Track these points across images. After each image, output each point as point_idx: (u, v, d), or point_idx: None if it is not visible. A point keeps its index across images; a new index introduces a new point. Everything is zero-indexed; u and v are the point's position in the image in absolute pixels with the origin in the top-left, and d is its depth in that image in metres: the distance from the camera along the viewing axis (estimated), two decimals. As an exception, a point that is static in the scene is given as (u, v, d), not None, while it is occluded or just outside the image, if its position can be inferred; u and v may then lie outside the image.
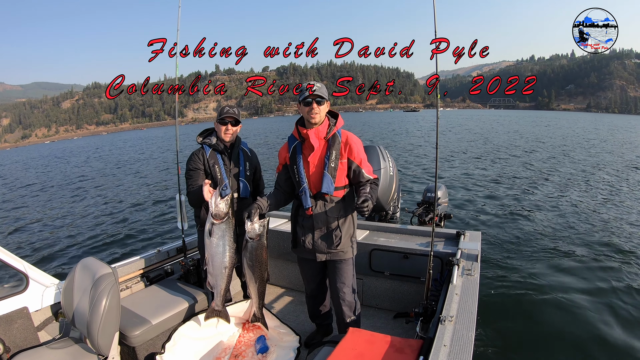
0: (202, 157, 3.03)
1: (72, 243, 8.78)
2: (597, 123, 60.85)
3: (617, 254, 6.29)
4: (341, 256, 2.72)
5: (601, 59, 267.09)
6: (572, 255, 6.30)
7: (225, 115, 2.98)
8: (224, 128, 3.00)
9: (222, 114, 3.00)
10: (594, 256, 6.24)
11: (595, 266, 5.87)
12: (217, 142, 3.06)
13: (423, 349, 2.02)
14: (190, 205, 3.13)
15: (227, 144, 3.08)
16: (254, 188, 3.25)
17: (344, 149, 2.61)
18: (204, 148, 3.07)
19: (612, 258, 6.14)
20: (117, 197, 14.27)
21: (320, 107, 2.54)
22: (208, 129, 3.21)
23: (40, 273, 2.72)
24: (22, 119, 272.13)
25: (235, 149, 3.11)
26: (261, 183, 3.38)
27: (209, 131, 3.20)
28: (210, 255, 2.68)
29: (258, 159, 3.34)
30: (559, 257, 6.23)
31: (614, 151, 21.59)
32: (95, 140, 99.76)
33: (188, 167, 3.03)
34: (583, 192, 11.13)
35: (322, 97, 2.53)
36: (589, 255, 6.27)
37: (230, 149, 3.10)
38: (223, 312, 2.83)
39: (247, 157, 3.19)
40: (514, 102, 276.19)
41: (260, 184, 3.36)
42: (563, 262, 6.00)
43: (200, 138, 3.14)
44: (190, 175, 3.01)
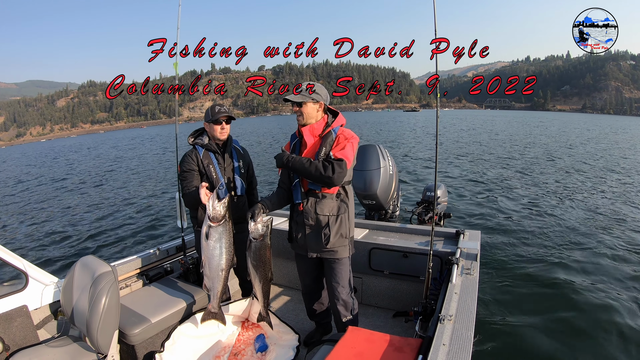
0: (195, 158, 3.00)
1: (71, 241, 8.74)
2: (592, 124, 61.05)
3: (616, 252, 6.33)
4: (334, 255, 2.71)
5: (597, 60, 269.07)
6: (571, 253, 6.33)
7: (220, 114, 2.97)
8: (219, 127, 2.99)
9: (215, 114, 2.98)
10: (593, 254, 6.28)
11: (595, 264, 5.91)
12: (210, 141, 3.05)
13: (422, 348, 2.02)
14: (186, 207, 3.12)
15: (220, 143, 3.08)
16: (248, 185, 3.25)
17: (336, 145, 2.61)
18: (196, 149, 3.05)
19: (612, 257, 6.17)
20: (116, 195, 14.22)
21: (302, 109, 2.60)
22: (198, 130, 3.19)
23: (40, 271, 2.71)
24: (16, 117, 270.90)
25: (228, 148, 3.11)
26: (254, 180, 3.38)
27: (199, 132, 3.18)
28: (206, 258, 2.65)
29: (250, 156, 3.35)
30: (559, 255, 6.25)
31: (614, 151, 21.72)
32: (92, 139, 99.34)
33: (182, 169, 3.00)
34: (583, 192, 11.19)
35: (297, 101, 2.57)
36: (588, 254, 6.31)
37: (224, 148, 3.10)
38: (219, 314, 2.82)
39: (240, 155, 3.19)
40: (510, 102, 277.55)
41: (254, 181, 3.36)
42: (563, 260, 6.01)
43: (192, 139, 3.12)
44: (185, 177, 2.97)
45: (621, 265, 5.83)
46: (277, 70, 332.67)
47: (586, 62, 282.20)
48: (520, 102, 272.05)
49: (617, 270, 5.68)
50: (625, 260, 6.04)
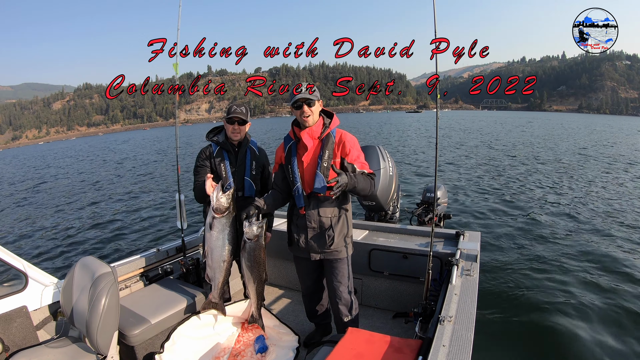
0: (209, 154, 3.05)
1: (71, 242, 8.73)
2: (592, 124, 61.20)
3: (617, 254, 6.33)
4: (335, 255, 2.74)
5: (592, 60, 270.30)
6: (571, 255, 6.34)
7: (232, 115, 2.98)
8: (231, 127, 3.00)
9: (229, 113, 3.00)
10: (593, 254, 6.30)
11: (595, 264, 5.92)
12: (225, 140, 3.07)
13: (422, 349, 2.02)
14: (196, 201, 3.12)
15: (234, 143, 3.08)
16: (263, 187, 3.23)
17: (337, 148, 2.64)
18: (212, 145, 3.09)
19: (612, 257, 6.19)
20: (116, 196, 14.20)
21: (312, 109, 2.59)
22: (218, 127, 3.22)
23: (40, 272, 2.70)
24: (12, 120, 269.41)
25: (242, 148, 3.10)
26: (270, 182, 3.29)
27: (218, 129, 3.20)
28: (209, 248, 2.71)
29: (267, 157, 3.31)
30: (559, 257, 6.26)
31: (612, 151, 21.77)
32: (91, 141, 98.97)
33: (196, 164, 3.07)
34: (583, 192, 11.23)
35: (311, 99, 2.56)
36: (588, 254, 6.32)
37: (238, 148, 3.10)
38: (220, 305, 2.84)
39: (254, 155, 3.16)
40: (506, 103, 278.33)
41: (269, 183, 3.28)
42: (563, 262, 6.02)
43: (210, 135, 3.16)
44: (198, 171, 3.04)
45: (621, 265, 5.84)
46: (274, 72, 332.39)
47: (582, 62, 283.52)
48: (517, 102, 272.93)
49: (617, 270, 5.70)
50: (625, 260, 6.04)
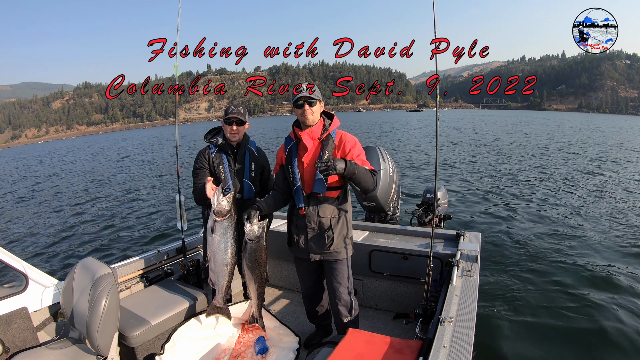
0: (207, 157, 3.02)
1: (71, 243, 8.72)
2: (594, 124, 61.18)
3: (617, 253, 6.35)
4: (335, 256, 2.73)
5: (592, 59, 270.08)
6: (572, 254, 6.34)
7: (230, 115, 2.95)
8: (229, 128, 2.98)
9: (227, 113, 2.97)
10: (594, 255, 6.29)
11: (595, 264, 5.91)
12: (223, 141, 3.04)
13: (422, 349, 2.02)
14: (196, 203, 3.12)
15: (232, 144, 3.07)
16: (262, 188, 3.22)
17: (338, 149, 2.63)
18: (210, 147, 3.07)
19: (613, 257, 6.19)
20: (116, 197, 14.16)
21: (313, 108, 2.58)
22: (216, 128, 3.19)
23: (40, 273, 2.70)
24: (11, 119, 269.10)
25: (241, 149, 3.08)
26: (270, 183, 3.27)
27: (216, 130, 3.18)
28: (212, 253, 2.69)
29: (267, 158, 3.30)
30: (559, 256, 6.26)
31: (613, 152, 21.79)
32: (91, 140, 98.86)
33: (194, 166, 3.04)
34: (583, 193, 11.23)
35: (312, 98, 2.55)
36: (589, 254, 6.32)
37: (237, 149, 3.08)
38: (225, 309, 2.84)
39: (253, 157, 3.14)
40: (506, 102, 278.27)
41: (269, 184, 3.26)
42: (563, 262, 6.02)
43: (209, 136, 3.13)
44: (197, 173, 3.02)
45: (622, 266, 5.84)
46: (274, 71, 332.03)
47: (581, 61, 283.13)
48: (517, 101, 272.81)
49: (618, 270, 5.69)
50: (626, 260, 6.05)
